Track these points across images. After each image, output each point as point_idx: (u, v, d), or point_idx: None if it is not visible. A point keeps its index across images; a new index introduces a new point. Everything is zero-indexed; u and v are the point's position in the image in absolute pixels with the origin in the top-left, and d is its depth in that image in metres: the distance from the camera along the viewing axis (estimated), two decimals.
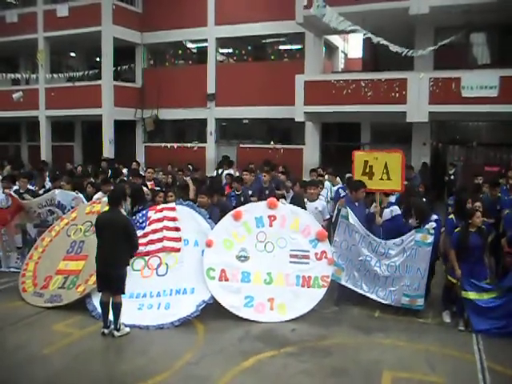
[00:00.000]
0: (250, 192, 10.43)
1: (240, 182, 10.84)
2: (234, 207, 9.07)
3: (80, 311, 7.81)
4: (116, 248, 6.97)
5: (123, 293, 7.16)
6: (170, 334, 7.26)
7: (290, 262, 8.18)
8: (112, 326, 7.10)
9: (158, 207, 8.85)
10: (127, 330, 7.15)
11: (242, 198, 10.16)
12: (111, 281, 7.01)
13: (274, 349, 6.74)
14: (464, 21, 16.60)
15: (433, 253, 7.86)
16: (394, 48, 15.51)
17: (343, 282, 8.29)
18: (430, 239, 7.70)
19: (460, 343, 7.00)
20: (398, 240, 7.95)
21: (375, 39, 15.53)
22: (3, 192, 10.49)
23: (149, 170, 12.75)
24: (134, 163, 15.92)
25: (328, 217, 9.42)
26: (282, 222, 8.43)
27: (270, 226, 8.40)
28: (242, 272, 8.03)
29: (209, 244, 8.10)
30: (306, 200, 9.35)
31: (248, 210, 8.54)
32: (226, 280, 7.92)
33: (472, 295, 7.39)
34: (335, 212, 9.15)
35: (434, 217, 8.30)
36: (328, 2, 15.73)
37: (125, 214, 8.48)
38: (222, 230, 8.31)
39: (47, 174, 14.00)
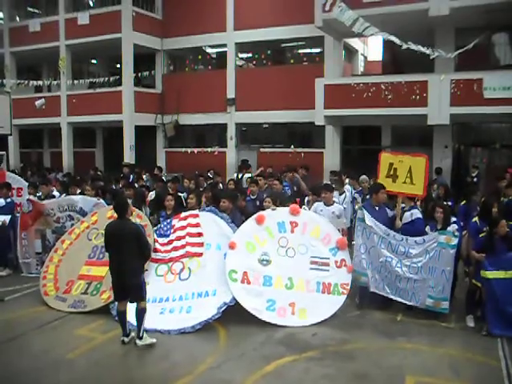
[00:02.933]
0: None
1: (256, 185, 10.86)
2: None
3: (103, 316, 7.87)
4: (128, 258, 6.83)
5: (144, 299, 7.07)
6: (192, 338, 7.26)
7: (311, 268, 8.20)
8: (133, 334, 7.06)
9: (182, 215, 8.92)
10: (153, 340, 6.97)
11: (258, 202, 10.17)
12: (128, 291, 6.94)
13: (296, 353, 6.72)
14: (485, 21, 16.43)
15: (456, 256, 7.77)
16: (421, 49, 15.30)
17: (367, 287, 8.26)
18: (455, 241, 7.61)
19: (484, 348, 6.89)
20: (419, 238, 7.87)
21: (401, 43, 15.35)
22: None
23: (185, 180, 12.80)
24: (156, 168, 16.04)
25: (345, 220, 9.33)
26: (303, 228, 8.48)
27: (292, 232, 8.45)
28: (263, 276, 8.04)
29: (232, 246, 8.13)
30: (322, 204, 9.30)
31: (271, 214, 8.57)
32: (248, 283, 7.91)
33: (490, 274, 7.29)
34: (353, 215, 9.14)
35: (453, 219, 8.24)
36: (347, 5, 15.66)
37: (146, 218, 8.58)
38: (244, 232, 8.36)
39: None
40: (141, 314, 6.94)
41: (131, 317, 7.12)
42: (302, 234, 8.43)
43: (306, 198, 10.40)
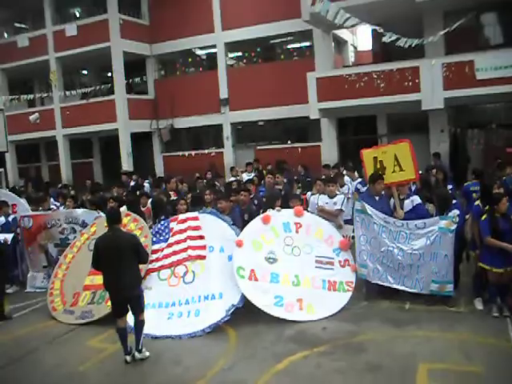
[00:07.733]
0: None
1: (253, 184, 10.99)
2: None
3: (112, 325, 7.78)
4: (127, 270, 6.59)
5: (144, 310, 6.89)
6: (203, 341, 7.28)
7: (316, 267, 8.30)
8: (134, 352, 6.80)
9: (180, 217, 8.93)
10: (147, 354, 6.81)
11: (256, 201, 10.20)
12: (131, 304, 6.74)
13: (307, 349, 6.72)
14: (473, 2, 16.37)
15: (457, 240, 7.75)
16: (403, 42, 15.30)
17: (368, 279, 8.29)
18: (454, 226, 7.62)
19: (495, 330, 6.89)
20: (420, 222, 7.85)
21: (386, 38, 15.31)
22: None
23: (172, 180, 12.47)
24: (150, 176, 16.02)
25: (339, 207, 9.23)
26: (307, 229, 8.60)
27: (297, 232, 8.56)
28: (270, 273, 8.09)
29: (239, 244, 8.19)
30: (326, 197, 9.33)
31: (276, 215, 8.66)
32: (256, 280, 7.96)
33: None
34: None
35: (454, 201, 8.25)
36: None
37: (143, 221, 8.61)
38: (251, 231, 8.43)
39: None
40: (140, 326, 6.76)
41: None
42: (306, 235, 8.54)
43: (309, 193, 10.44)
